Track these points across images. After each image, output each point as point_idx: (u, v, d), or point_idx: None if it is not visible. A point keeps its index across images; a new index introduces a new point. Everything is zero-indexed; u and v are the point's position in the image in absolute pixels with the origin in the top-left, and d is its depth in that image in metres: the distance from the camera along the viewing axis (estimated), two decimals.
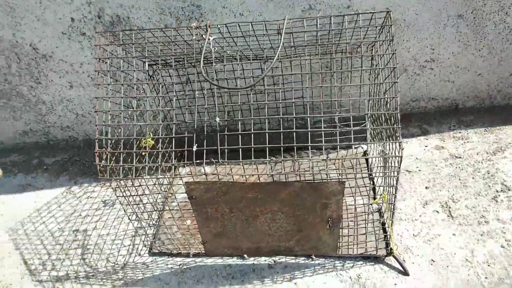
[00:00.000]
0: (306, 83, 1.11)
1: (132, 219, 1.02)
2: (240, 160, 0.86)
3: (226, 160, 0.87)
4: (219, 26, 0.96)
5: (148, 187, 0.97)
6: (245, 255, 1.10)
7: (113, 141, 0.95)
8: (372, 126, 1.30)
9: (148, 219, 1.10)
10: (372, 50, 1.22)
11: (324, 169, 0.88)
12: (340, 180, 0.86)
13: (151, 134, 1.00)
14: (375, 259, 1.10)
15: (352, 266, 1.09)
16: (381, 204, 1.18)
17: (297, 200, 0.90)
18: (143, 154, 0.95)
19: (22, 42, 1.41)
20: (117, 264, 1.18)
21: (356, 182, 1.06)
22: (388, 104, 0.95)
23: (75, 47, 1.43)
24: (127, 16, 1.35)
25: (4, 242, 1.30)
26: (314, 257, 1.10)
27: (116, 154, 0.92)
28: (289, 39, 1.05)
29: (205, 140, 0.90)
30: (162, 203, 1.27)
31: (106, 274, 1.15)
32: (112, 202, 1.40)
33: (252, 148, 0.85)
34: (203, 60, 0.94)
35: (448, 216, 1.23)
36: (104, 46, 0.99)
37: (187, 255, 1.12)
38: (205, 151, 0.88)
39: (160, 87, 1.03)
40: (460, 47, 1.47)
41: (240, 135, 0.90)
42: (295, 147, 0.82)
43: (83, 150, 1.72)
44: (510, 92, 1.63)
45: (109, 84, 0.97)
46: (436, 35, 1.43)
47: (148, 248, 1.18)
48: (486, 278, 1.04)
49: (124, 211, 1.00)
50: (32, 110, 1.62)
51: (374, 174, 1.23)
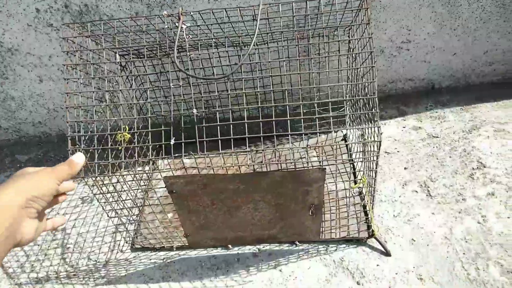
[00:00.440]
0: (284, 69, 1.09)
1: (111, 216, 1.00)
2: (220, 151, 0.84)
3: (206, 152, 0.85)
4: (192, 13, 0.93)
5: (126, 183, 0.95)
6: (229, 246, 1.09)
7: (86, 137, 0.92)
8: (351, 110, 1.30)
9: (128, 215, 1.07)
10: (349, 33, 1.21)
11: (305, 156, 0.87)
12: (321, 167, 0.86)
13: (126, 127, 0.97)
14: (358, 241, 1.12)
15: (335, 249, 1.11)
16: (361, 187, 1.19)
17: (278, 189, 0.90)
18: (120, 149, 0.93)
19: None
20: (98, 261, 1.16)
21: (336, 167, 1.06)
22: (366, 89, 0.95)
23: (43, 39, 1.37)
24: (95, 4, 1.29)
25: None
26: (298, 243, 1.11)
27: (90, 150, 0.89)
28: (265, 24, 1.03)
29: (182, 133, 0.88)
30: (142, 198, 1.25)
31: (88, 273, 1.13)
32: (91, 199, 1.36)
33: (232, 138, 0.84)
34: (177, 49, 0.91)
35: (427, 195, 1.25)
36: (72, 39, 0.94)
37: (171, 249, 1.11)
38: (183, 143, 0.86)
39: (134, 78, 0.99)
40: (436, 27, 1.48)
41: (218, 126, 0.88)
42: (275, 137, 0.81)
43: (57, 145, 1.67)
44: (484, 70, 1.66)
45: (79, 78, 0.93)
46: (412, 15, 1.43)
47: (130, 244, 1.16)
48: (464, 254, 1.07)
49: (103, 208, 0.98)
50: (0, 107, 1.55)
51: (354, 159, 1.23)
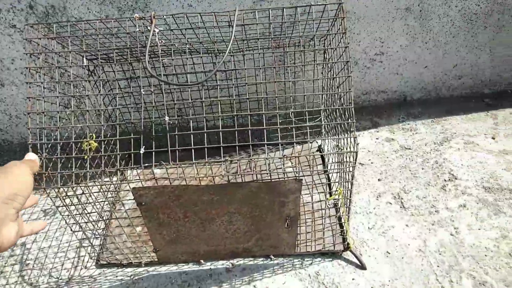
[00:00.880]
0: (260, 78, 1.07)
1: (75, 230, 0.93)
2: (193, 161, 0.80)
3: (178, 161, 0.81)
4: (165, 17, 0.89)
5: (92, 195, 0.89)
6: (201, 261, 1.05)
7: (49, 145, 0.85)
8: (326, 121, 1.29)
9: (93, 229, 1.01)
10: (324, 43, 1.21)
11: (281, 167, 0.85)
12: (297, 177, 0.83)
13: (93, 135, 0.91)
14: (333, 254, 1.10)
15: (311, 263, 1.08)
16: (337, 199, 1.18)
17: (254, 200, 0.87)
18: (85, 158, 0.87)
19: None
20: (60, 279, 1.08)
21: (312, 178, 1.04)
22: (342, 99, 0.94)
23: (5, 41, 1.29)
24: (63, 6, 1.23)
25: None
26: (272, 257, 1.08)
27: (53, 159, 0.83)
28: (241, 31, 1.01)
29: (153, 141, 0.84)
30: (109, 211, 1.18)
31: None
32: (53, 211, 1.28)
33: (205, 150, 0.80)
34: (149, 54, 0.87)
35: (400, 207, 1.25)
36: (36, 40, 0.89)
37: (139, 265, 1.05)
38: (153, 153, 0.81)
39: (102, 84, 0.94)
40: (408, 40, 1.50)
41: (192, 134, 0.84)
42: (251, 147, 0.78)
43: (19, 154, 1.57)
44: (454, 83, 1.70)
45: (42, 82, 0.87)
46: (385, 28, 1.45)
47: (95, 260, 1.09)
48: (438, 266, 1.07)
49: (66, 222, 0.91)
50: None
51: (329, 170, 1.22)
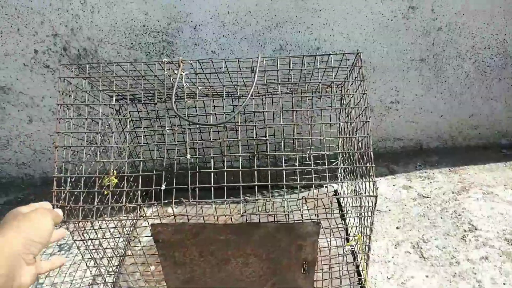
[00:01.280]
0: (278, 121, 1.10)
1: (90, 266, 0.93)
2: (212, 199, 0.81)
3: (197, 199, 0.82)
4: (192, 61, 0.95)
5: (109, 230, 0.90)
6: None
7: (73, 179, 0.88)
8: (343, 164, 1.30)
9: (107, 265, 1.00)
10: (341, 90, 1.24)
11: (299, 209, 0.85)
12: (316, 220, 0.83)
13: (115, 172, 0.94)
14: None
15: None
16: (354, 246, 1.15)
17: (271, 242, 0.86)
18: (106, 193, 0.89)
19: None
20: None
21: (329, 223, 1.03)
22: (360, 143, 0.95)
23: (38, 79, 1.37)
24: (94, 49, 1.31)
25: None
26: None
27: (75, 193, 0.85)
28: (262, 77, 1.05)
29: (174, 178, 0.85)
30: (124, 248, 1.18)
31: None
32: (69, 247, 1.28)
33: (225, 187, 0.81)
34: (175, 96, 0.91)
35: (420, 257, 1.22)
36: (68, 79, 0.94)
37: None
38: (174, 189, 0.83)
39: (127, 122, 0.98)
40: (423, 90, 1.54)
41: (212, 173, 0.86)
42: (269, 186, 0.79)
43: (39, 188, 1.60)
44: (470, 133, 1.70)
45: (71, 118, 0.91)
46: (400, 77, 1.49)
47: None
48: None
49: (82, 256, 0.91)
50: None
51: (347, 214, 1.21)
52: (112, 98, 0.98)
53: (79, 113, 0.98)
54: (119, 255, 1.07)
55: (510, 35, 1.44)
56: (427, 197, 1.47)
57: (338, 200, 1.42)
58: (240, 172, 0.83)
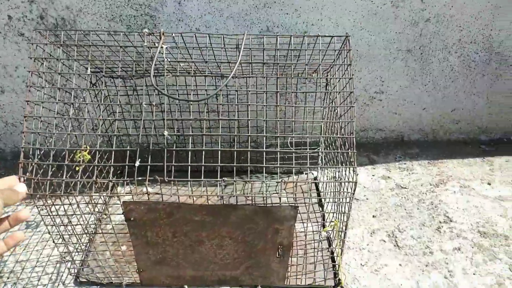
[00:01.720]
0: (261, 103, 1.07)
1: (58, 243, 0.89)
2: (189, 179, 0.78)
3: (173, 178, 0.78)
4: (174, 35, 0.90)
5: (79, 206, 0.86)
6: (185, 286, 1.00)
7: (42, 151, 0.83)
8: (326, 150, 1.29)
9: (76, 243, 0.97)
10: (327, 75, 1.22)
11: (277, 192, 0.83)
12: (294, 204, 0.81)
13: (87, 146, 0.90)
14: None
15: None
16: (330, 232, 1.15)
17: (248, 225, 0.84)
18: (77, 168, 0.84)
19: None
20: None
21: (306, 208, 1.02)
22: (343, 130, 0.94)
23: (11, 48, 1.29)
24: (73, 19, 1.25)
25: None
26: (260, 287, 1.03)
27: (44, 166, 0.81)
28: (247, 56, 1.02)
29: (149, 156, 0.82)
30: (94, 226, 1.14)
31: None
32: (36, 224, 1.23)
33: (202, 168, 0.78)
34: (154, 71, 0.87)
35: (394, 246, 1.22)
36: (42, 45, 0.89)
37: (119, 285, 1.00)
38: (148, 167, 0.79)
39: (103, 96, 0.93)
40: (408, 81, 1.53)
41: (189, 152, 0.83)
42: (248, 169, 0.77)
43: (10, 163, 1.54)
44: (451, 128, 1.72)
45: (43, 87, 0.86)
46: (386, 67, 1.48)
47: (74, 277, 1.04)
48: None
49: (49, 232, 0.87)
50: None
51: (325, 201, 1.20)
52: (88, 70, 0.93)
53: (52, 83, 0.92)
54: (89, 233, 1.03)
55: (496, 30, 1.44)
56: (405, 188, 1.48)
57: (317, 186, 1.41)
58: (219, 152, 0.80)
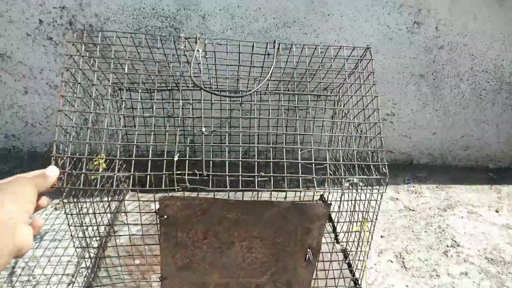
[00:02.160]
0: (272, 121, 1.11)
1: (77, 247, 0.90)
2: (227, 173, 0.78)
3: (211, 172, 0.78)
4: (207, 41, 0.95)
5: (99, 213, 0.88)
6: None
7: (68, 158, 0.84)
8: (337, 173, 1.30)
9: (88, 250, 0.96)
10: (339, 92, 1.25)
11: (314, 188, 0.85)
12: (327, 202, 0.84)
13: (104, 155, 0.91)
14: None
15: None
16: (344, 246, 1.17)
17: (279, 223, 0.85)
18: (93, 178, 0.85)
19: None
20: None
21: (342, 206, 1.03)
22: (368, 145, 0.97)
23: (39, 51, 1.35)
24: (100, 27, 1.30)
25: None
26: None
27: (75, 160, 0.81)
28: (262, 73, 1.06)
29: (188, 149, 0.85)
30: (104, 239, 1.14)
31: None
32: (41, 236, 1.26)
33: (240, 163, 0.80)
34: (191, 72, 0.90)
35: (402, 266, 1.23)
36: (74, 56, 0.90)
37: None
38: (187, 161, 0.79)
39: (123, 105, 0.95)
40: (420, 105, 1.56)
41: (226, 148, 0.84)
42: (286, 178, 0.79)
43: (26, 162, 1.57)
44: (460, 153, 1.74)
45: (76, 97, 0.86)
46: (399, 91, 1.52)
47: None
48: None
49: (71, 235, 0.88)
50: None
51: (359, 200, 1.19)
52: (109, 81, 0.95)
53: (74, 91, 0.92)
54: (101, 246, 1.05)
55: (508, 61, 1.48)
56: (413, 210, 1.49)
57: (323, 199, 1.43)
58: (256, 163, 0.83)
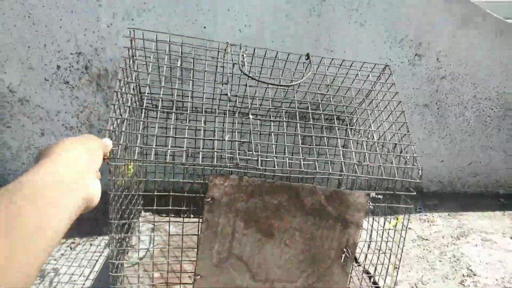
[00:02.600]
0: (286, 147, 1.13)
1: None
2: (274, 154, 0.82)
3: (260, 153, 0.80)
4: (246, 51, 1.00)
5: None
6: None
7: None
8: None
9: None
10: (351, 119, 1.28)
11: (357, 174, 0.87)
12: (368, 192, 0.86)
13: (132, 162, 0.91)
14: None
15: None
16: (395, 226, 1.14)
17: (320, 214, 0.86)
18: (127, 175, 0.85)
19: (0, 83, 1.38)
20: None
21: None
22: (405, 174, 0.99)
23: (56, 94, 1.41)
24: (115, 71, 1.37)
25: None
26: None
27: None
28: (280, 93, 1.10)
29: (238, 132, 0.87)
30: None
31: None
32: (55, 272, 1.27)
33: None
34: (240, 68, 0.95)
35: None
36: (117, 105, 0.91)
37: None
38: (237, 143, 0.84)
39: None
40: (426, 134, 1.59)
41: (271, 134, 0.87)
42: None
43: None
44: (469, 180, 1.74)
45: (124, 119, 0.87)
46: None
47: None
48: None
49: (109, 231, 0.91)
50: None
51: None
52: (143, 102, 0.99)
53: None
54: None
55: (510, 88, 1.52)
56: (427, 239, 1.48)
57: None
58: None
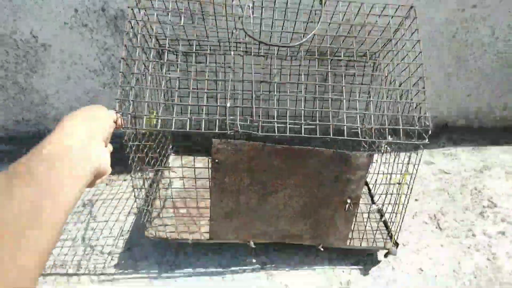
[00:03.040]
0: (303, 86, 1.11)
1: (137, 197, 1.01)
2: (275, 120, 0.83)
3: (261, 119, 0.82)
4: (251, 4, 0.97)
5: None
6: (250, 241, 1.03)
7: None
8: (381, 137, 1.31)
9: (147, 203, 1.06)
10: (376, 59, 1.23)
11: (360, 126, 0.87)
12: (369, 152, 0.87)
13: (154, 112, 0.92)
14: (365, 265, 1.11)
15: (343, 272, 1.10)
16: (380, 206, 1.16)
17: (323, 172, 0.90)
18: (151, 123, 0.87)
19: (22, 29, 1.40)
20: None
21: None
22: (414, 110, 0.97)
23: (76, 38, 1.42)
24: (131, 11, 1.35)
25: None
26: (321, 248, 1.05)
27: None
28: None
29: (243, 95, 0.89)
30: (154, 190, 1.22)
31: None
32: (92, 204, 1.35)
33: (287, 111, 0.85)
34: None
35: (436, 227, 1.25)
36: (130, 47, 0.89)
37: (185, 241, 1.06)
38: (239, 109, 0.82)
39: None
40: (452, 67, 1.52)
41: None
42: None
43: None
44: (497, 114, 1.69)
45: (133, 74, 0.87)
46: (427, 57, 1.48)
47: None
48: None
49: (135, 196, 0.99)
50: (25, 100, 1.59)
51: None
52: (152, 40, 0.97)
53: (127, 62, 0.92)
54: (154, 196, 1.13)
55: None
56: (448, 173, 1.49)
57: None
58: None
